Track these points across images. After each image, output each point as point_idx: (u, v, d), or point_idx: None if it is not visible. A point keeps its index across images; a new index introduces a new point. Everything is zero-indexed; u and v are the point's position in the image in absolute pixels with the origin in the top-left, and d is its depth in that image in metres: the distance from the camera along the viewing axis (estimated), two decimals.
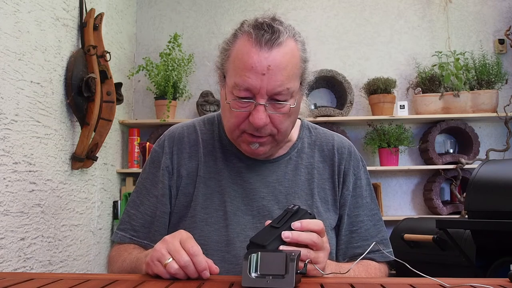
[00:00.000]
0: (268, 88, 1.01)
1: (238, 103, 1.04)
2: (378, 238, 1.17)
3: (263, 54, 1.00)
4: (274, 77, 1.01)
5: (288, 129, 1.10)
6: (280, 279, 0.79)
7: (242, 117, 1.05)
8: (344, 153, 1.20)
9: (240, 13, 3.44)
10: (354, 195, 1.18)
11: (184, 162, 1.16)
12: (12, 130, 1.87)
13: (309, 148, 1.20)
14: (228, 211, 1.11)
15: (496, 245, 1.79)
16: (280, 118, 1.05)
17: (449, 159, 3.13)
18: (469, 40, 3.38)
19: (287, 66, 1.02)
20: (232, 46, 1.06)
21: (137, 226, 1.15)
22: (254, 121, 1.02)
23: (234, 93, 1.04)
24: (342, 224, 1.16)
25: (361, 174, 1.20)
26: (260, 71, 1.00)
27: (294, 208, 0.92)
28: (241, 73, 1.02)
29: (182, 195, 1.14)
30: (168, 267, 0.86)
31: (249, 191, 1.13)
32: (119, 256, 1.11)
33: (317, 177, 1.16)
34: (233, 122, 1.06)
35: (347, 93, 3.18)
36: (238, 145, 1.12)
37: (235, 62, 1.04)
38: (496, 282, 0.86)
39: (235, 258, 1.06)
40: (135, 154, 3.16)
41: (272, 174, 1.15)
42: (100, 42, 2.49)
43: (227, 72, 1.07)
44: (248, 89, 1.01)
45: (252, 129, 1.05)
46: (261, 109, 1.02)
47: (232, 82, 1.04)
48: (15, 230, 1.87)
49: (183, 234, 0.91)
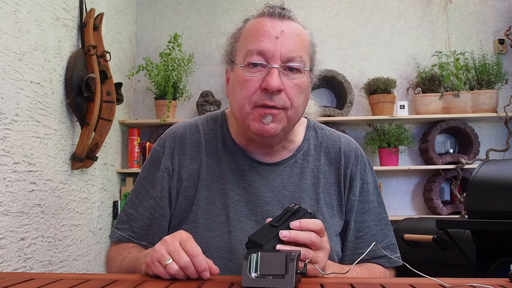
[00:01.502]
0: (282, 51, 1.00)
1: (251, 69, 1.01)
2: (385, 243, 1.15)
3: (276, 22, 1.02)
4: (288, 42, 1.00)
5: (300, 106, 1.05)
6: (280, 279, 0.79)
7: (254, 87, 1.01)
8: (351, 157, 1.16)
9: (240, 13, 3.44)
10: (361, 200, 1.14)
11: (185, 164, 1.12)
12: (12, 130, 1.87)
13: (315, 150, 1.16)
14: (231, 217, 1.07)
15: (496, 245, 1.79)
16: (295, 89, 1.02)
17: (449, 159, 3.13)
18: (469, 40, 3.38)
19: (299, 35, 1.03)
20: (243, 27, 1.07)
21: (136, 227, 1.13)
22: (269, 84, 0.98)
23: (246, 60, 1.01)
24: (349, 230, 1.12)
25: (368, 178, 1.16)
26: (274, 35, 1.00)
27: (295, 207, 0.92)
28: (253, 39, 1.01)
29: (182, 198, 1.10)
30: (168, 268, 0.85)
31: (253, 195, 1.09)
32: (118, 255, 1.10)
33: (323, 181, 1.13)
34: (245, 93, 1.02)
35: (347, 93, 3.18)
36: (247, 125, 1.04)
37: (246, 35, 1.04)
38: (496, 282, 0.86)
39: (237, 266, 1.02)
40: (135, 154, 3.16)
41: (277, 177, 1.11)
42: (100, 42, 2.49)
43: (236, 51, 1.06)
44: (261, 53, 1.00)
45: (265, 97, 1.00)
46: (275, 72, 0.99)
47: (244, 51, 1.02)
48: (15, 230, 1.87)
49: (183, 235, 0.90)
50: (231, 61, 1.08)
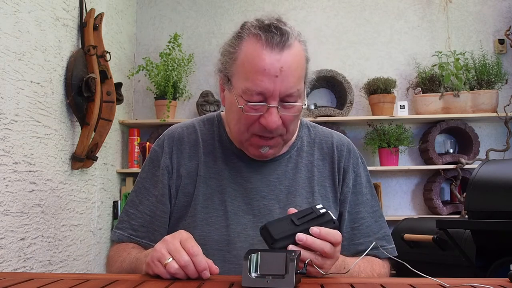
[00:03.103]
0: (281, 90, 1.01)
1: (251, 107, 1.03)
2: (380, 234, 1.18)
3: (275, 56, 0.99)
4: (287, 79, 1.00)
5: (295, 128, 1.12)
6: (280, 279, 0.79)
7: (252, 119, 1.04)
8: (344, 151, 1.20)
9: (240, 13, 3.44)
10: (354, 192, 1.18)
11: (184, 162, 1.16)
12: (12, 130, 1.87)
13: (308, 146, 1.21)
14: (229, 211, 1.11)
15: (496, 245, 1.79)
16: (291, 118, 1.06)
17: (449, 159, 3.13)
18: (469, 40, 3.38)
19: (297, 67, 1.03)
20: (239, 49, 1.04)
21: (136, 225, 1.14)
22: (268, 124, 1.02)
23: (244, 97, 1.02)
24: (343, 221, 1.16)
25: (360, 171, 1.21)
26: (273, 74, 0.99)
27: (321, 210, 0.90)
28: (252, 77, 1.00)
29: (182, 195, 1.14)
30: (168, 267, 0.86)
31: (250, 190, 1.13)
32: (118, 256, 1.11)
33: (317, 175, 1.17)
34: (243, 125, 1.06)
35: (347, 93, 3.18)
36: (245, 148, 1.12)
37: (245, 65, 1.02)
38: (496, 282, 0.86)
39: (235, 258, 1.06)
40: (135, 154, 3.16)
41: (273, 173, 1.15)
42: (100, 42, 2.49)
43: (233, 75, 1.06)
44: (261, 93, 1.01)
45: (263, 131, 1.04)
46: (274, 111, 1.02)
47: (243, 86, 1.02)
48: (15, 230, 1.87)
49: (183, 234, 0.91)
50: (227, 79, 1.08)
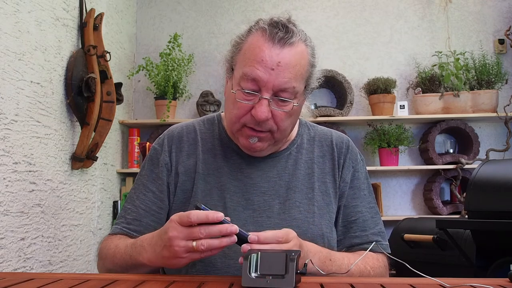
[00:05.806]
0: (274, 84, 1.03)
1: (243, 94, 1.06)
2: (376, 230, 1.19)
3: (275, 50, 1.03)
4: (282, 74, 1.03)
5: (287, 129, 1.12)
6: (280, 279, 0.79)
7: (245, 109, 1.07)
8: (343, 147, 1.23)
9: (240, 13, 3.44)
10: (352, 186, 1.20)
11: (182, 160, 1.18)
12: (12, 130, 1.86)
13: (308, 143, 1.23)
14: (228, 207, 1.12)
15: (496, 245, 1.79)
16: (282, 115, 1.07)
17: (449, 159, 3.13)
18: (469, 40, 3.38)
19: (296, 65, 1.05)
20: (245, 40, 1.08)
21: (130, 219, 1.16)
22: (256, 114, 1.04)
23: (241, 84, 1.06)
24: (340, 214, 1.18)
25: (359, 167, 1.23)
26: (270, 66, 1.02)
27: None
28: (250, 63, 1.04)
29: (180, 192, 1.16)
30: (198, 247, 0.87)
31: (250, 186, 1.15)
32: (106, 252, 1.11)
33: (318, 171, 1.19)
34: (235, 113, 1.08)
35: (347, 93, 3.18)
36: (236, 139, 1.14)
37: (246, 53, 1.06)
38: (496, 282, 0.86)
39: (235, 253, 1.06)
40: (135, 154, 3.16)
41: (273, 169, 1.17)
42: (100, 42, 2.49)
43: (236, 64, 1.10)
44: (255, 80, 1.03)
45: (253, 122, 1.06)
46: (265, 103, 1.04)
47: (241, 72, 1.06)
48: (15, 230, 1.87)
49: (172, 220, 0.91)
50: (231, 69, 1.12)
